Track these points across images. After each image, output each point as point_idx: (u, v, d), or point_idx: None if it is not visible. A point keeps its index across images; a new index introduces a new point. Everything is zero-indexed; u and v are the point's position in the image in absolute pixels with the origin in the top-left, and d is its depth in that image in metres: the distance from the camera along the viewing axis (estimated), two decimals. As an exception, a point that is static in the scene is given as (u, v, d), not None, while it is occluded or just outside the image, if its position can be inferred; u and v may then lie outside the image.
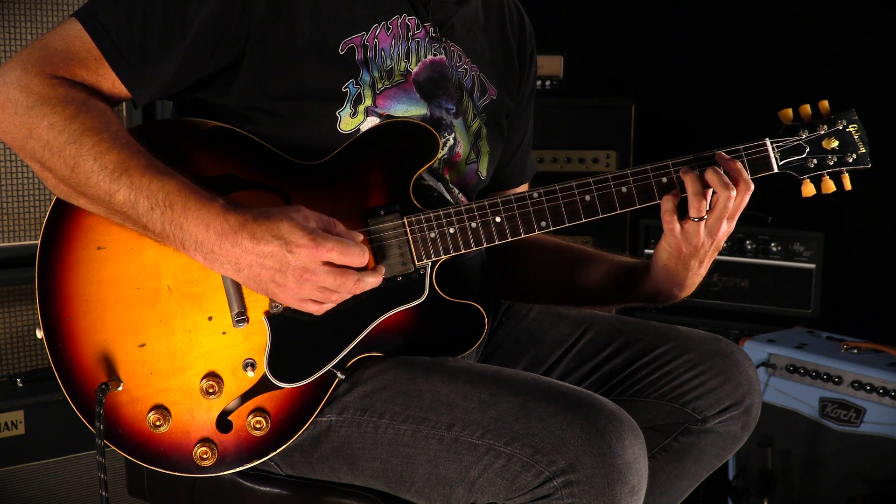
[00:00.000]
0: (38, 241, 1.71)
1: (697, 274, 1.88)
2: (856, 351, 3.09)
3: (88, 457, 2.69)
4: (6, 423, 2.59)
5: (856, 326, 3.50)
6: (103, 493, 1.69)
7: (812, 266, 3.55)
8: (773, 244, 3.59)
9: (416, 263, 1.74)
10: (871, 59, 3.82)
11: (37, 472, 2.65)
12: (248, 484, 1.80)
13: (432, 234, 1.75)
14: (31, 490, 2.64)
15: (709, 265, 1.88)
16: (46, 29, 2.68)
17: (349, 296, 1.66)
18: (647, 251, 3.72)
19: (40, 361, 2.85)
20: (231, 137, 1.74)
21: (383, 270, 1.70)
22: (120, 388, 1.70)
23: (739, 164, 1.76)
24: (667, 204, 1.78)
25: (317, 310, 1.66)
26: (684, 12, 4.19)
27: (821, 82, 3.63)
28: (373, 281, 1.67)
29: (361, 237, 1.68)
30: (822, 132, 1.82)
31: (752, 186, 1.77)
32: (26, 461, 2.63)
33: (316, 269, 1.60)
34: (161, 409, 1.71)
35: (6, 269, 2.71)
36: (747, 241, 3.62)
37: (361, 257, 1.63)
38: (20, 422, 2.61)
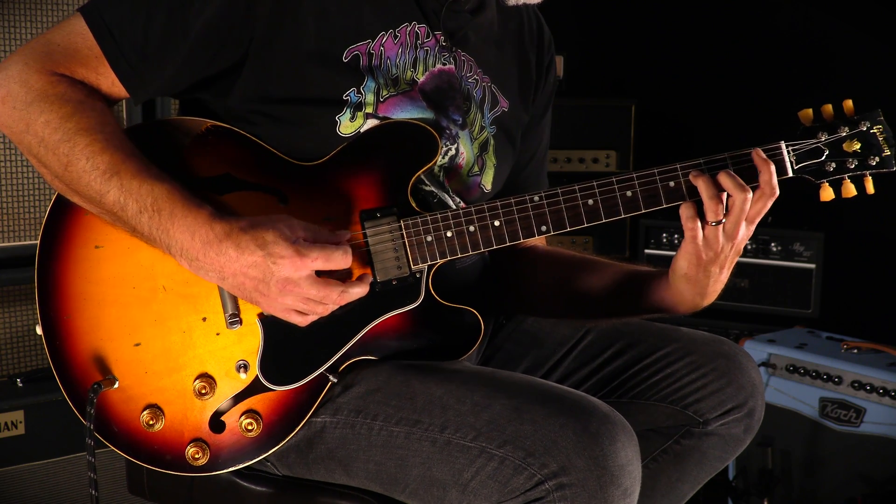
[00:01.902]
0: (38, 239, 1.73)
1: (719, 280, 1.80)
2: (856, 351, 3.09)
3: (88, 457, 2.69)
4: (6, 423, 2.60)
5: (856, 326, 3.48)
6: (93, 492, 1.69)
7: (812, 266, 3.54)
8: (773, 244, 3.59)
9: (412, 267, 1.74)
10: (874, 60, 3.82)
11: (37, 472, 2.65)
12: (245, 484, 1.80)
13: (429, 238, 1.74)
14: (31, 490, 2.64)
15: (730, 270, 1.80)
16: (46, 28, 2.68)
17: (335, 307, 1.66)
18: (647, 251, 3.72)
19: (40, 361, 2.86)
20: (228, 137, 1.74)
21: (369, 280, 1.69)
22: (115, 386, 1.71)
23: (772, 167, 1.69)
24: (688, 210, 1.72)
25: (301, 321, 1.66)
26: (685, 13, 4.18)
27: (822, 83, 3.62)
28: (358, 291, 1.66)
29: (348, 235, 1.68)
30: (844, 134, 1.74)
31: (777, 192, 1.70)
32: (26, 461, 2.64)
33: (299, 280, 1.60)
34: (155, 409, 1.71)
35: (6, 269, 2.71)
36: (747, 241, 3.60)
37: (344, 260, 1.62)
38: (20, 422, 2.62)
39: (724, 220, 1.71)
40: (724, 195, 1.70)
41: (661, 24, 4.27)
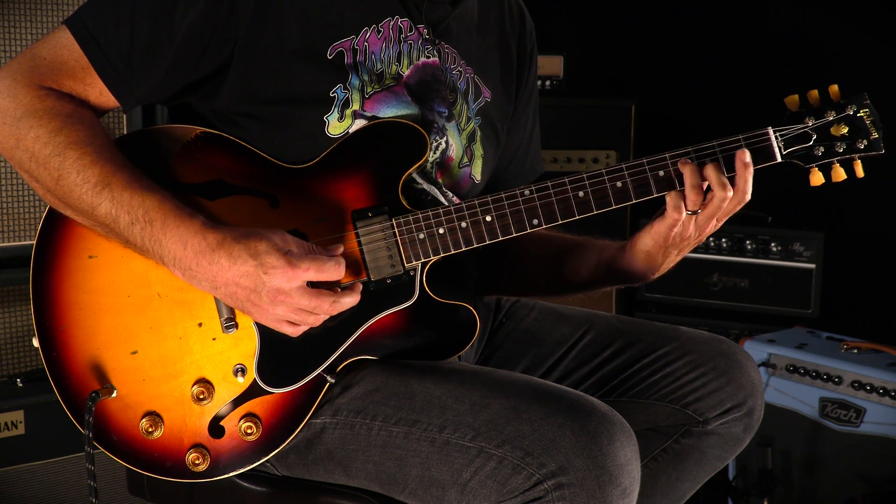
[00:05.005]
0: (32, 251, 1.73)
1: (673, 261, 1.88)
2: (856, 351, 3.09)
3: (88, 457, 2.69)
4: (6, 423, 2.60)
5: (856, 326, 3.49)
6: (93, 500, 1.69)
7: (812, 266, 3.54)
8: (773, 244, 3.59)
9: (406, 265, 1.74)
10: (872, 59, 3.82)
11: (37, 472, 2.66)
12: (245, 484, 1.80)
13: (421, 235, 1.74)
14: (31, 490, 2.64)
15: (685, 254, 1.87)
16: (47, 29, 2.68)
17: (326, 317, 1.67)
18: (647, 251, 3.72)
19: (40, 362, 2.85)
20: (218, 143, 1.74)
21: (360, 289, 1.69)
22: (114, 395, 1.70)
23: (750, 171, 1.72)
24: (675, 200, 1.74)
25: (292, 331, 1.66)
26: (684, 12, 4.18)
27: (822, 82, 3.62)
28: (350, 301, 1.67)
29: (342, 249, 1.68)
30: (831, 118, 1.75)
31: (748, 199, 1.74)
32: (26, 461, 2.64)
33: (290, 290, 1.60)
34: (153, 416, 1.71)
35: (6, 269, 2.72)
36: (747, 241, 3.61)
37: (337, 271, 1.63)
38: (20, 422, 2.62)
39: (699, 211, 1.74)
40: (706, 185, 1.73)
41: (661, 24, 4.27)
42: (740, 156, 1.73)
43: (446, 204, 1.78)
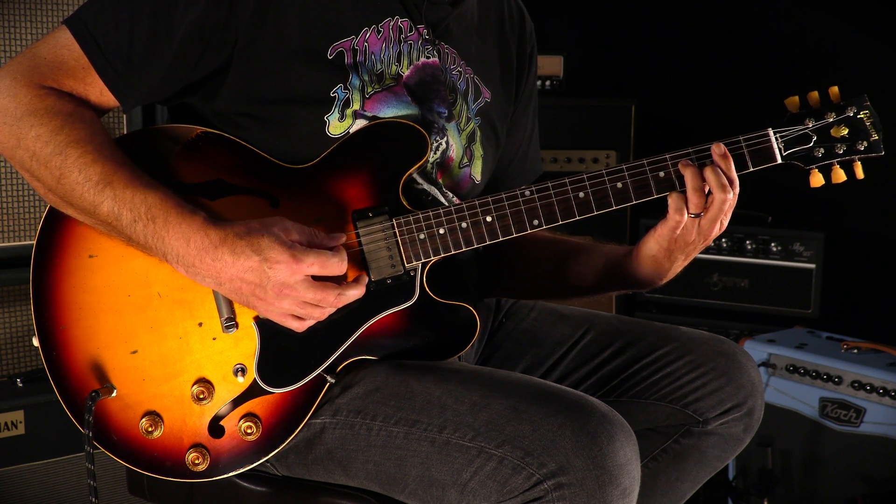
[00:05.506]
0: (32, 250, 1.73)
1: (680, 267, 1.88)
2: (856, 351, 3.09)
3: (88, 457, 2.69)
4: (6, 423, 2.60)
5: (856, 326, 3.49)
6: (93, 499, 1.69)
7: (812, 266, 3.54)
8: (773, 244, 3.58)
9: (406, 265, 1.74)
10: (873, 60, 3.82)
11: (37, 472, 2.66)
12: (245, 484, 1.80)
13: (421, 235, 1.74)
14: (31, 490, 2.64)
15: (692, 258, 1.87)
16: (47, 29, 2.68)
17: (332, 310, 1.67)
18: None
19: (40, 362, 2.85)
20: (219, 142, 1.74)
21: (366, 281, 1.70)
22: (113, 395, 1.70)
23: (730, 163, 1.73)
24: (676, 202, 1.75)
25: (297, 326, 1.66)
26: (684, 13, 4.18)
27: (822, 83, 3.63)
28: (354, 293, 1.67)
29: (344, 238, 1.69)
30: (831, 120, 1.76)
31: (738, 189, 1.75)
32: (26, 461, 2.64)
33: (295, 284, 1.60)
34: (153, 416, 1.71)
35: (6, 269, 2.72)
36: (747, 241, 3.61)
37: (340, 266, 1.63)
38: (20, 422, 2.62)
39: (702, 215, 1.74)
40: (707, 188, 1.73)
41: (661, 24, 4.27)
42: (715, 150, 1.74)
43: (446, 204, 1.78)
